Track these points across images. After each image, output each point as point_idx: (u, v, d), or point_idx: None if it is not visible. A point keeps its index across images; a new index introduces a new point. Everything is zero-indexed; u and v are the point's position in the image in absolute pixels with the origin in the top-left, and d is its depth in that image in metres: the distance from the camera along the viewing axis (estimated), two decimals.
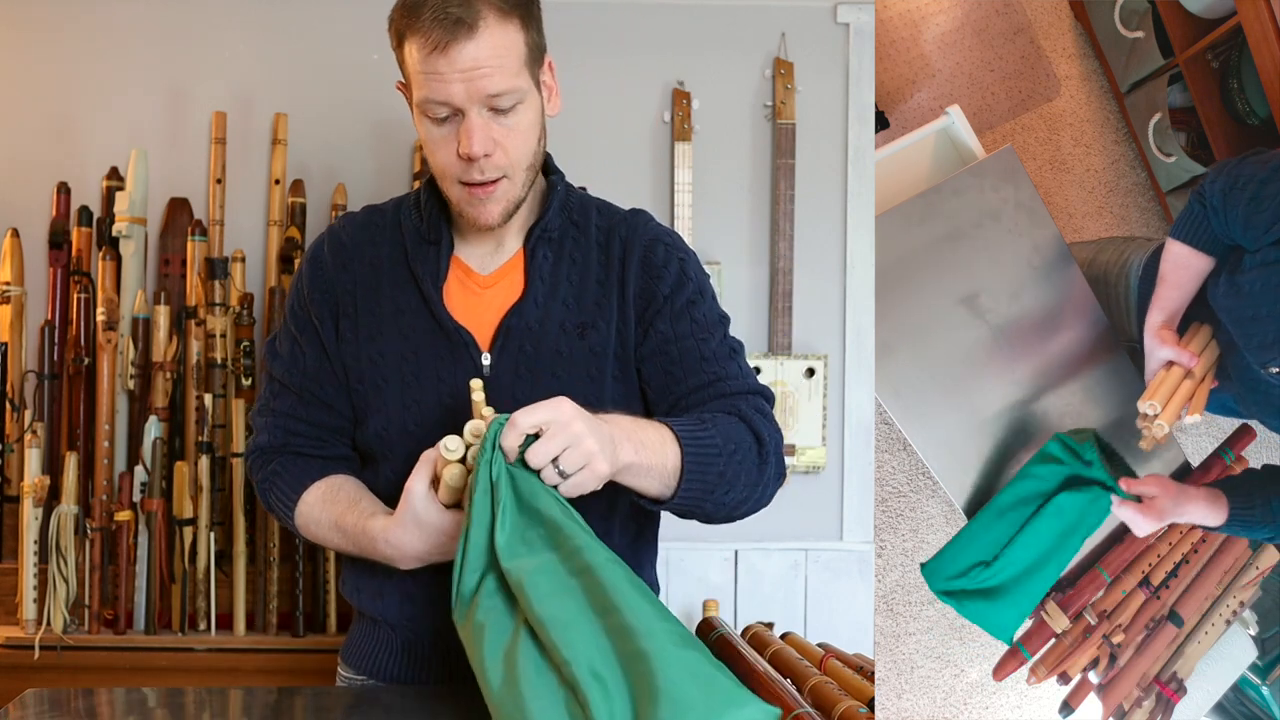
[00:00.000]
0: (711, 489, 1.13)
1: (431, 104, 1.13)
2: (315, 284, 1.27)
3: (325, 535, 1.23)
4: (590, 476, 1.02)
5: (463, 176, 1.16)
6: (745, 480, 1.16)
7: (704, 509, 1.15)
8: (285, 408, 1.27)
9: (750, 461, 1.17)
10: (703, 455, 1.11)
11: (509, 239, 1.26)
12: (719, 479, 1.13)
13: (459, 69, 1.10)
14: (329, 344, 1.25)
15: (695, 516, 1.18)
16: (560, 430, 1.00)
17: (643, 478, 1.09)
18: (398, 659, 1.27)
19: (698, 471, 1.11)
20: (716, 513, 1.17)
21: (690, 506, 1.14)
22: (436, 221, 1.25)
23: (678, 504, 1.13)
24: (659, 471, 1.09)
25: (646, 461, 1.08)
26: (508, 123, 1.14)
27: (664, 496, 1.12)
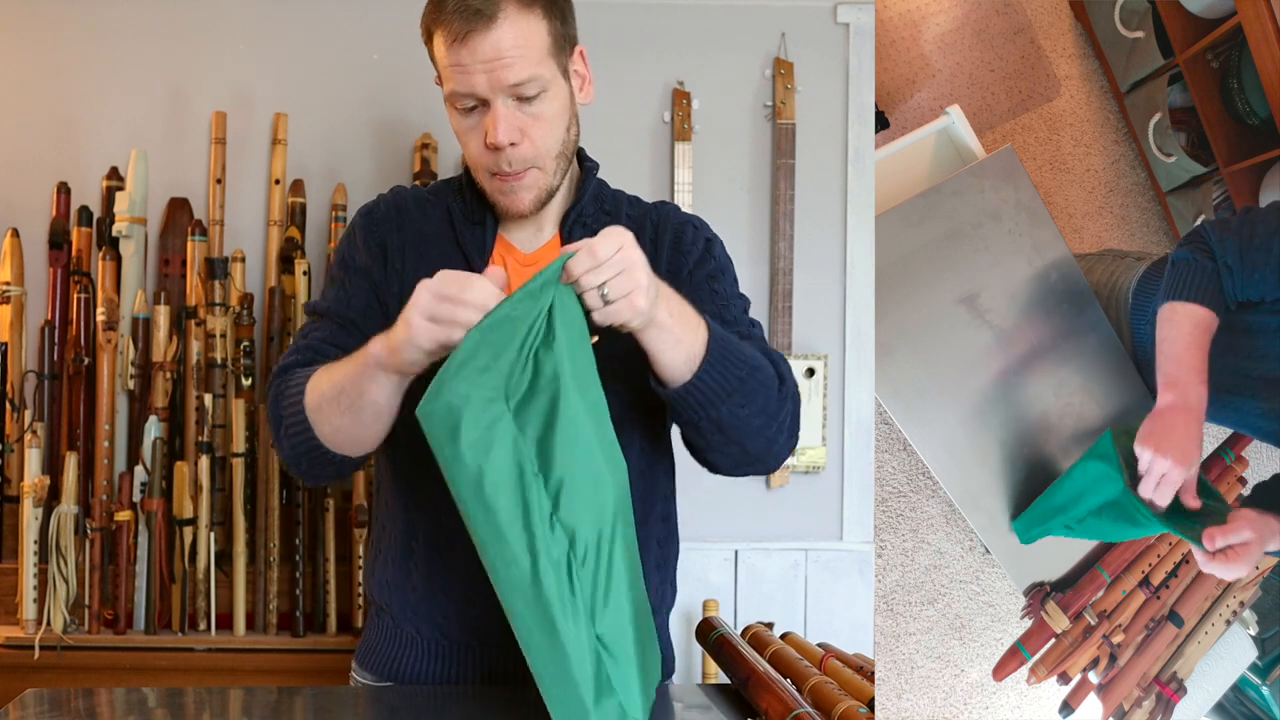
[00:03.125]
0: (730, 393, 1.10)
1: (458, 95, 1.15)
2: (370, 233, 1.26)
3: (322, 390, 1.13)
4: (628, 307, 1.01)
5: (492, 167, 1.18)
6: (762, 406, 1.14)
7: (717, 413, 1.11)
8: (322, 335, 1.22)
9: (770, 390, 1.15)
10: (728, 355, 1.10)
11: (546, 224, 1.27)
12: (739, 386, 1.11)
13: (480, 59, 1.12)
14: (379, 286, 1.24)
15: (704, 431, 1.13)
16: (622, 258, 1.01)
17: (669, 345, 1.07)
18: (424, 662, 1.25)
19: (719, 365, 1.09)
20: (728, 427, 1.13)
21: (704, 402, 1.10)
22: (479, 204, 1.26)
23: (692, 391, 1.09)
24: (686, 346, 1.08)
25: (677, 330, 1.07)
26: (533, 111, 1.16)
27: (681, 378, 1.09)
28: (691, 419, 1.12)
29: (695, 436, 1.15)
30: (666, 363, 1.08)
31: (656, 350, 1.07)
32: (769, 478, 2.22)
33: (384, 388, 1.07)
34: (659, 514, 1.29)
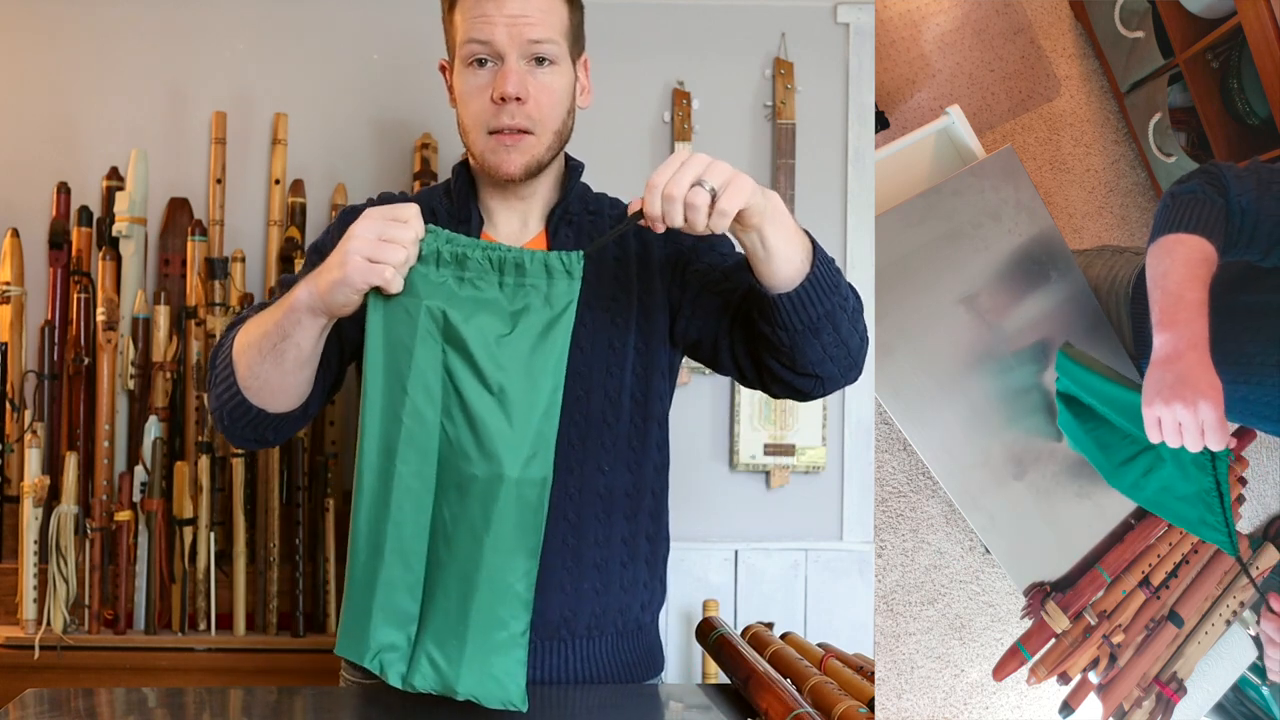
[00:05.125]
0: (832, 292, 1.10)
1: (475, 43, 1.18)
2: (345, 227, 1.26)
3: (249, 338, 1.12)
4: (739, 191, 1.01)
5: (493, 123, 1.19)
6: (848, 323, 1.14)
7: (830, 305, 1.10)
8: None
9: (855, 308, 1.15)
10: (830, 267, 1.11)
11: (532, 220, 1.29)
12: (835, 292, 1.11)
13: (506, 13, 1.16)
14: None
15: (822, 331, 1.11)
16: (698, 158, 1.02)
17: (783, 235, 1.06)
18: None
19: (826, 274, 1.10)
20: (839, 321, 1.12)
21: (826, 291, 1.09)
22: (466, 201, 1.27)
23: (816, 283, 1.08)
24: (798, 243, 1.07)
25: (789, 221, 1.07)
26: (543, 77, 1.19)
27: (799, 272, 1.08)
28: (811, 318, 1.10)
29: (812, 343, 1.12)
30: (788, 255, 1.07)
31: (776, 242, 1.06)
32: (769, 478, 2.22)
33: (309, 331, 1.08)
34: (648, 509, 1.29)
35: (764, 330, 1.14)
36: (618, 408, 1.24)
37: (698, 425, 2.23)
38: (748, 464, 2.21)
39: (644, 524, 1.29)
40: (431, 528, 1.07)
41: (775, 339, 1.13)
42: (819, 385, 1.18)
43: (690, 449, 2.21)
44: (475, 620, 1.05)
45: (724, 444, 2.23)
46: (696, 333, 1.26)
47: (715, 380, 2.23)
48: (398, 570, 1.06)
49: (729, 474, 2.24)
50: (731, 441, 2.22)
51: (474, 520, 1.05)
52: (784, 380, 1.19)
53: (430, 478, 1.07)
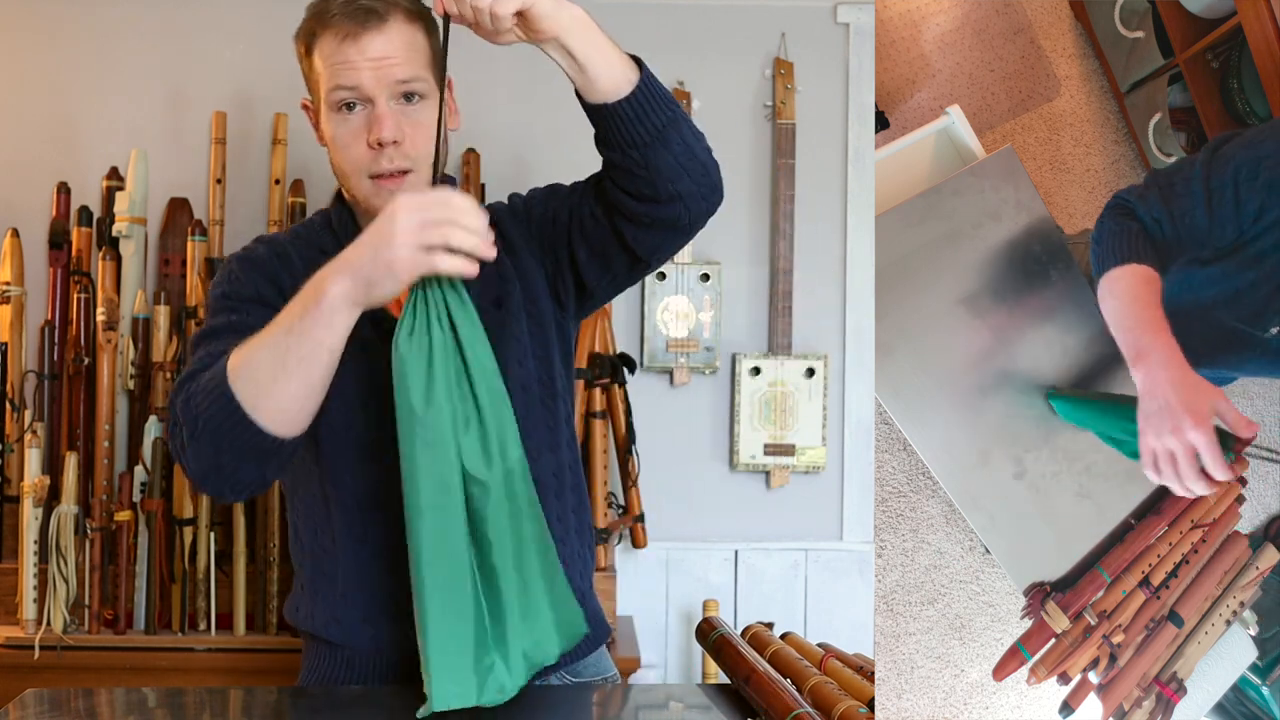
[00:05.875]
0: (669, 104, 1.12)
1: (341, 90, 1.18)
2: (252, 269, 1.24)
3: (256, 360, 1.07)
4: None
5: (372, 168, 1.19)
6: (692, 134, 1.15)
7: (669, 118, 1.12)
8: (223, 347, 1.13)
9: (692, 130, 1.16)
10: (662, 87, 1.13)
11: None
12: (672, 104, 1.13)
13: (369, 57, 1.16)
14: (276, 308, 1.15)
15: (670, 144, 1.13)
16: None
17: (590, 44, 1.08)
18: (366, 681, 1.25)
19: (658, 88, 1.12)
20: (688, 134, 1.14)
21: (658, 106, 1.11)
22: (351, 234, 1.19)
23: (643, 98, 1.11)
24: (615, 56, 1.10)
25: (599, 36, 1.10)
26: (415, 115, 1.19)
27: (621, 87, 1.10)
28: (655, 125, 1.12)
29: (662, 154, 1.13)
30: (601, 63, 1.09)
31: (586, 51, 1.08)
32: (769, 478, 2.22)
33: (339, 329, 1.05)
34: (570, 484, 1.31)
35: (614, 158, 1.14)
36: (529, 395, 1.26)
37: (698, 425, 2.23)
38: (748, 464, 2.21)
39: (569, 499, 1.31)
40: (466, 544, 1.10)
41: (628, 162, 1.13)
42: (683, 209, 1.17)
43: (690, 449, 2.21)
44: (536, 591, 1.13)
45: (724, 444, 2.23)
46: (584, 245, 1.25)
47: (715, 380, 2.23)
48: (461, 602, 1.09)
49: (729, 474, 2.24)
50: (731, 441, 2.22)
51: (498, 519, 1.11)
52: (651, 217, 1.18)
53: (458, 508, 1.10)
